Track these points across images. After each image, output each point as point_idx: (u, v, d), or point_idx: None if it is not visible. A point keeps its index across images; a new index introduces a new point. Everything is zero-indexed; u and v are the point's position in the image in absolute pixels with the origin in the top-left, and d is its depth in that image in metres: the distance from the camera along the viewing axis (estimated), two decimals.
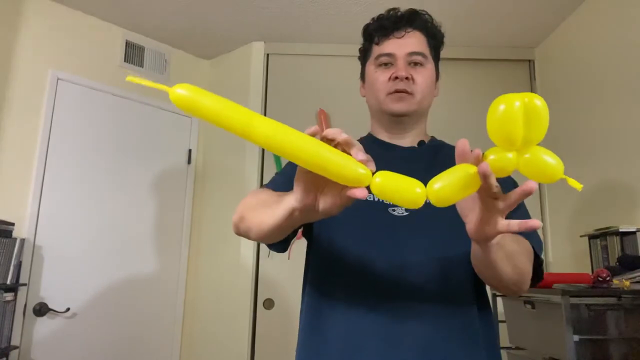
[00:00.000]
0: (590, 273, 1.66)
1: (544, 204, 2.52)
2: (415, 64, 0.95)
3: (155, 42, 2.67)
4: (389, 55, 0.95)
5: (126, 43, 2.53)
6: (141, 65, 2.58)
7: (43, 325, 2.06)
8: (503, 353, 1.98)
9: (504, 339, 1.95)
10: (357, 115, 2.69)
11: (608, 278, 1.52)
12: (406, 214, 0.85)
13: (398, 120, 0.96)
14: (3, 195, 2.02)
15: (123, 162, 2.43)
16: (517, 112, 0.52)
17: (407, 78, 0.92)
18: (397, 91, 0.92)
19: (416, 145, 0.99)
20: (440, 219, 0.84)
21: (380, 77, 0.95)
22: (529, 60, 2.68)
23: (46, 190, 2.14)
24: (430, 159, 0.95)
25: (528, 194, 0.54)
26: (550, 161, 0.53)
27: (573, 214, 2.23)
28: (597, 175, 2.05)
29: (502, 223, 0.57)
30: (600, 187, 2.03)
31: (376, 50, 0.97)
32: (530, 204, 2.57)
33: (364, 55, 1.03)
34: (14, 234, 1.96)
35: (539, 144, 0.54)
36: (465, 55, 2.67)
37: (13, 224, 1.97)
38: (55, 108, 2.21)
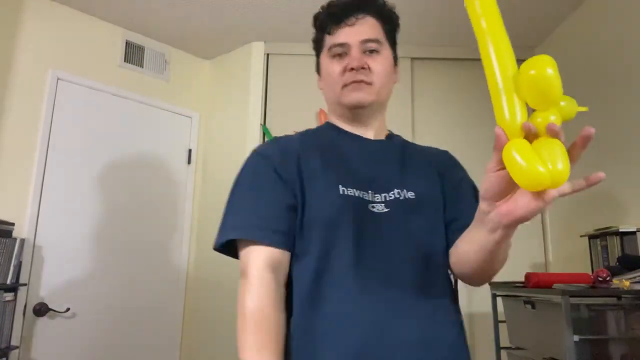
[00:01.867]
0: (590, 273, 1.66)
1: None
2: (371, 51, 0.90)
3: (155, 42, 2.67)
4: (341, 45, 0.90)
5: (126, 43, 2.53)
6: (141, 65, 2.58)
7: (43, 325, 2.06)
8: (503, 353, 1.98)
9: (504, 339, 1.95)
10: None
11: (608, 278, 1.52)
12: (386, 210, 0.84)
13: (358, 112, 0.92)
14: (3, 195, 2.02)
15: (123, 162, 2.43)
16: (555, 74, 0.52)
17: (363, 68, 0.88)
18: (354, 82, 0.88)
19: (384, 139, 0.97)
20: (418, 216, 0.85)
21: (335, 69, 0.90)
22: None
23: (46, 190, 2.14)
24: (401, 155, 0.93)
25: (589, 138, 0.56)
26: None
27: (573, 214, 2.23)
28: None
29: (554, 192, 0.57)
30: (600, 187, 2.03)
31: (329, 40, 0.92)
32: None
33: (318, 46, 0.97)
34: (14, 234, 1.96)
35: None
36: (465, 55, 2.67)
37: (13, 224, 1.97)
38: (55, 108, 2.21)
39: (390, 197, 0.85)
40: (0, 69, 2.06)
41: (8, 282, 1.84)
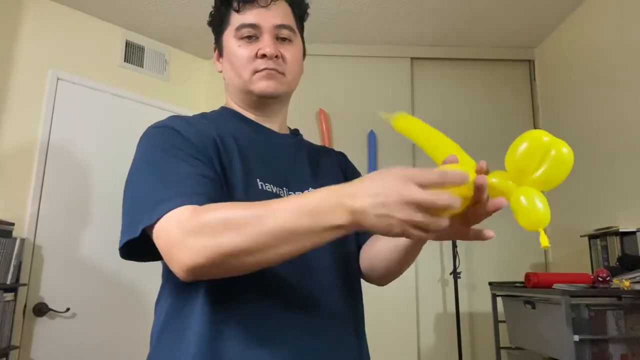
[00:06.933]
0: (590, 273, 1.66)
1: None
2: (284, 39, 0.83)
3: (155, 42, 2.67)
4: (252, 26, 0.81)
5: (126, 43, 2.53)
6: (141, 65, 2.58)
7: (43, 325, 2.06)
8: (503, 353, 1.98)
9: (504, 339, 1.95)
10: (357, 115, 2.70)
11: (608, 278, 1.52)
12: None
13: (267, 103, 0.85)
14: (3, 195, 2.02)
15: (123, 162, 2.43)
16: (538, 150, 0.58)
17: (276, 56, 0.81)
18: (266, 70, 0.81)
19: (289, 133, 0.92)
20: None
21: (244, 53, 0.82)
22: (529, 60, 2.68)
23: (46, 190, 2.13)
24: (309, 154, 0.89)
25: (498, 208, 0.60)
26: (539, 208, 0.59)
27: (573, 214, 2.23)
28: (597, 174, 2.05)
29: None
30: (600, 187, 2.03)
31: (236, 19, 0.83)
32: None
33: (220, 22, 0.88)
34: (14, 234, 1.96)
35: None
36: (465, 55, 2.67)
37: (13, 224, 1.97)
38: (55, 108, 2.21)
39: None
40: (0, 69, 2.06)
41: (8, 282, 1.84)
